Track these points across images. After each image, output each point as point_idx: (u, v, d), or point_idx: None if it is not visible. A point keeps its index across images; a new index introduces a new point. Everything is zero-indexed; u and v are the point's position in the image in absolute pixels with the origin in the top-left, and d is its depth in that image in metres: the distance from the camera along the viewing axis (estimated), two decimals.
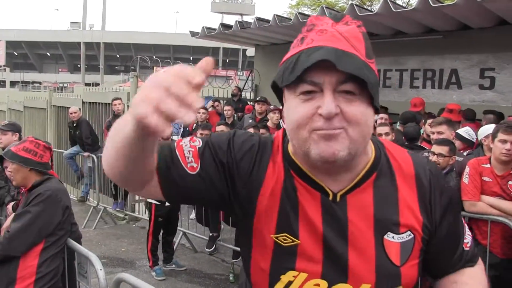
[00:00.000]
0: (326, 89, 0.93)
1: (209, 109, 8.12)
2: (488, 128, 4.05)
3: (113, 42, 58.45)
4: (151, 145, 0.89)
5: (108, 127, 7.66)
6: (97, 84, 38.77)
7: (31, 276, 2.62)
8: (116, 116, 7.68)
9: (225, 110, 7.45)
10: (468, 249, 1.17)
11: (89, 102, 9.59)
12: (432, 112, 5.89)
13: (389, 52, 7.46)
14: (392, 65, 7.54)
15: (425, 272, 1.18)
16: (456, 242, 1.15)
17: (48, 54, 68.23)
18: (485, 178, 3.44)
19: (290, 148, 1.07)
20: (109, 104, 8.32)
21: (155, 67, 22.25)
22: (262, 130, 5.41)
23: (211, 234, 5.64)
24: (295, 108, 0.97)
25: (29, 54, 66.46)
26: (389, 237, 1.04)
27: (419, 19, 6.25)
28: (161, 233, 5.30)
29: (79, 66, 60.02)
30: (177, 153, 1.05)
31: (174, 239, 5.64)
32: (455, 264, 1.16)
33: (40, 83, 54.31)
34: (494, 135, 3.42)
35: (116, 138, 0.89)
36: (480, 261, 1.22)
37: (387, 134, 4.41)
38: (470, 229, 3.51)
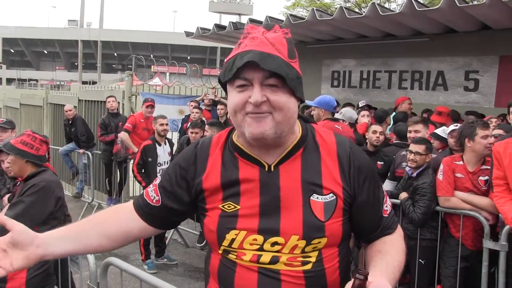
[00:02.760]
0: (255, 83, 1.19)
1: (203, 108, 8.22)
2: (444, 129, 4.31)
3: (110, 41, 58.35)
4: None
5: (101, 124, 7.78)
6: (94, 82, 38.75)
7: None
8: (111, 114, 7.80)
9: (218, 109, 7.59)
10: (387, 215, 1.39)
11: (85, 100, 9.70)
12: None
13: (379, 54, 7.63)
14: (381, 66, 7.71)
15: (357, 237, 1.43)
16: (375, 207, 1.36)
17: (45, 52, 68.01)
18: (458, 175, 3.63)
19: (234, 136, 1.36)
20: (104, 102, 8.39)
21: (152, 66, 22.37)
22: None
23: (201, 230, 5.79)
24: (233, 97, 1.24)
25: (26, 52, 66.17)
26: (314, 197, 1.27)
27: (406, 22, 6.41)
28: None
29: (76, 64, 59.95)
30: (146, 198, 1.44)
31: (166, 234, 5.79)
32: (376, 227, 1.37)
33: (36, 80, 53.99)
34: (472, 134, 3.58)
35: None
36: (399, 228, 1.44)
37: (381, 133, 4.61)
38: (444, 222, 3.74)
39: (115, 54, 65.30)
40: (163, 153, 5.46)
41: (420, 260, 3.75)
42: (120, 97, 8.26)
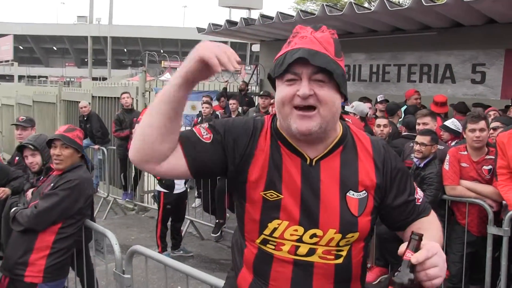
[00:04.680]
0: (304, 77, 1.28)
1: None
2: (453, 121, 4.49)
3: (120, 36, 58.34)
4: (183, 102, 1.30)
5: (116, 120, 7.94)
6: (104, 79, 38.87)
7: (46, 250, 2.91)
8: (125, 110, 7.95)
9: (231, 104, 7.71)
10: (419, 203, 1.48)
11: (99, 97, 9.81)
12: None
13: (388, 48, 7.75)
14: (391, 60, 7.82)
15: (390, 228, 1.53)
16: (408, 196, 1.46)
17: (55, 48, 68.23)
18: (463, 164, 3.79)
19: (278, 124, 1.41)
20: (117, 98, 8.54)
21: (162, 62, 22.48)
22: None
23: (217, 221, 5.94)
24: (282, 90, 1.32)
25: (35, 48, 66.22)
26: (350, 194, 1.37)
27: (414, 17, 6.52)
28: (169, 221, 5.56)
29: (86, 60, 59.94)
30: (195, 131, 1.40)
31: (182, 227, 5.90)
32: (410, 214, 1.46)
33: (46, 77, 54.17)
34: (464, 126, 3.78)
35: (161, 102, 1.29)
36: (432, 212, 1.53)
37: (385, 126, 4.76)
38: (451, 210, 3.88)
39: (125, 50, 65.50)
40: None
41: None
42: (133, 93, 8.37)
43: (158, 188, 5.47)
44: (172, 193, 5.39)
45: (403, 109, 6.18)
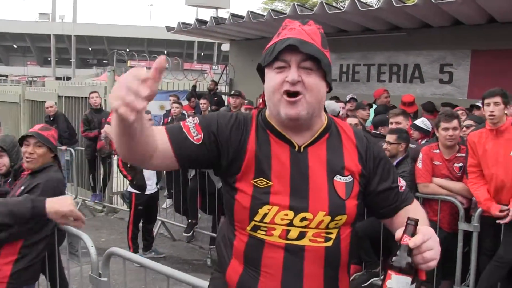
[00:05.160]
0: (292, 65, 1.34)
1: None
2: (423, 120, 4.63)
3: (85, 35, 57.13)
4: (137, 126, 1.16)
5: (85, 120, 7.76)
6: (68, 78, 38.00)
7: (13, 255, 2.74)
8: (94, 109, 7.78)
9: (201, 104, 7.66)
10: (402, 191, 1.53)
11: (65, 97, 9.58)
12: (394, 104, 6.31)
13: (358, 48, 7.87)
14: (361, 60, 7.95)
15: (376, 215, 1.57)
16: (391, 183, 1.51)
17: (15, 46, 66.08)
18: (436, 162, 3.87)
19: (267, 114, 1.47)
20: (85, 98, 8.35)
21: (129, 61, 22.17)
22: None
23: (189, 221, 5.90)
24: (271, 78, 1.38)
25: None
26: (337, 178, 1.43)
27: (384, 17, 6.63)
28: (140, 223, 5.47)
29: (49, 59, 58.58)
30: (185, 130, 1.42)
31: (153, 228, 5.82)
32: (394, 201, 1.51)
33: (6, 76, 52.49)
34: (437, 124, 3.87)
35: (114, 131, 1.22)
36: (415, 200, 1.58)
37: (356, 125, 4.80)
38: (424, 207, 3.94)
39: (90, 49, 64.09)
40: None
41: None
42: (102, 93, 8.21)
43: (130, 189, 5.38)
44: (144, 194, 5.30)
45: (372, 108, 6.26)
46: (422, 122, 4.56)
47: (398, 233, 1.24)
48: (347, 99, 6.92)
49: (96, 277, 2.68)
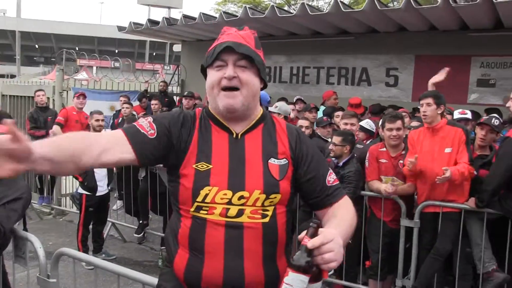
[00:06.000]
0: (229, 63, 1.55)
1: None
2: (368, 121, 4.81)
3: (30, 31, 54.89)
4: (44, 162, 1.31)
5: (30, 118, 7.50)
6: (13, 76, 36.38)
7: None
8: (39, 108, 7.53)
9: (152, 105, 7.59)
10: (330, 185, 1.64)
11: (10, 96, 9.22)
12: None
13: (308, 51, 8.06)
14: (310, 62, 8.15)
15: (306, 204, 1.71)
16: (319, 177, 1.64)
17: None
18: (382, 160, 4.06)
19: (209, 107, 1.66)
20: (31, 97, 8.08)
21: (78, 60, 21.55)
22: None
23: (140, 222, 5.85)
24: (212, 75, 1.57)
25: None
26: (272, 160, 1.59)
27: (333, 22, 6.84)
28: (91, 224, 5.39)
29: None
30: (139, 127, 1.58)
31: (103, 230, 5.73)
32: (321, 193, 1.63)
33: None
34: (382, 125, 4.08)
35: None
36: (346, 197, 1.69)
37: (307, 127, 4.94)
38: (368, 205, 4.12)
39: (36, 46, 61.61)
40: None
41: (348, 240, 4.12)
42: (49, 93, 7.97)
43: (80, 190, 5.29)
44: (95, 195, 5.23)
45: (321, 109, 6.43)
46: (367, 123, 4.76)
47: (301, 235, 1.30)
48: (294, 100, 7.08)
49: (44, 278, 2.62)
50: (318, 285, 1.33)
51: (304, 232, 1.29)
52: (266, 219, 1.54)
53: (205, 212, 1.53)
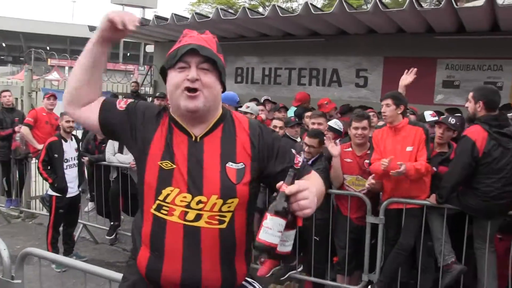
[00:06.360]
0: (192, 65, 1.57)
1: None
2: (336, 121, 4.92)
3: None
4: (101, 57, 1.70)
5: None
6: None
7: None
8: (5, 108, 7.35)
9: None
10: (299, 167, 1.71)
11: None
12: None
13: (280, 52, 8.15)
14: (282, 64, 8.24)
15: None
16: (288, 162, 1.69)
17: None
18: (347, 160, 4.18)
19: (171, 110, 1.71)
20: None
21: (49, 60, 21.17)
22: None
23: (111, 223, 5.83)
24: (174, 76, 1.60)
25: None
26: (229, 164, 1.62)
27: (304, 24, 6.94)
28: (61, 227, 5.35)
29: None
30: (116, 101, 1.75)
31: (74, 232, 5.68)
32: None
33: None
34: (349, 124, 4.18)
35: (82, 56, 1.69)
36: (313, 171, 1.79)
37: (281, 128, 5.02)
38: (335, 203, 4.22)
39: (4, 45, 59.96)
40: (69, 149, 5.42)
41: (315, 237, 4.23)
42: (18, 93, 7.82)
43: (50, 192, 5.25)
44: (65, 197, 5.20)
45: (292, 110, 6.52)
46: (335, 123, 4.87)
47: (279, 183, 1.43)
48: (262, 100, 7.16)
49: (8, 280, 2.54)
50: (292, 234, 1.44)
51: (281, 182, 1.42)
52: (223, 225, 1.58)
53: (165, 212, 1.58)
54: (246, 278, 1.75)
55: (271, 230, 1.37)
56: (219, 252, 1.59)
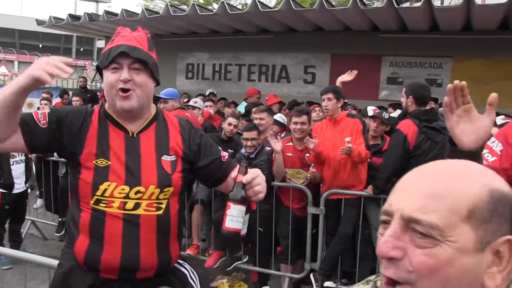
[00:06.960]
0: (124, 67, 1.65)
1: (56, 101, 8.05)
2: (281, 115, 5.13)
3: None
4: (24, 98, 1.57)
5: None
6: None
7: None
8: None
9: (74, 101, 7.48)
10: (225, 160, 1.87)
11: None
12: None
13: (230, 49, 8.28)
14: (232, 60, 8.39)
15: (208, 185, 1.98)
16: (214, 157, 1.85)
17: None
18: (288, 154, 4.32)
19: (106, 107, 1.78)
20: None
21: None
22: None
23: (60, 219, 5.78)
24: (108, 77, 1.67)
25: None
26: (164, 157, 1.75)
27: (253, 21, 7.09)
28: (7, 223, 5.26)
29: None
30: (34, 116, 1.69)
31: (21, 229, 5.59)
32: (218, 170, 1.85)
33: None
34: (290, 118, 4.36)
35: (6, 91, 1.54)
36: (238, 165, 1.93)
37: (235, 126, 5.09)
38: (277, 195, 4.36)
39: None
40: None
41: (259, 228, 4.38)
42: None
43: None
44: (11, 193, 5.12)
45: (243, 106, 6.66)
46: (280, 117, 5.03)
47: (233, 174, 1.63)
48: (207, 94, 7.26)
49: None
50: (247, 217, 1.60)
51: (235, 172, 1.64)
52: (160, 212, 1.71)
53: (104, 205, 1.67)
54: (178, 260, 1.90)
55: (235, 217, 1.54)
56: (156, 236, 1.71)
